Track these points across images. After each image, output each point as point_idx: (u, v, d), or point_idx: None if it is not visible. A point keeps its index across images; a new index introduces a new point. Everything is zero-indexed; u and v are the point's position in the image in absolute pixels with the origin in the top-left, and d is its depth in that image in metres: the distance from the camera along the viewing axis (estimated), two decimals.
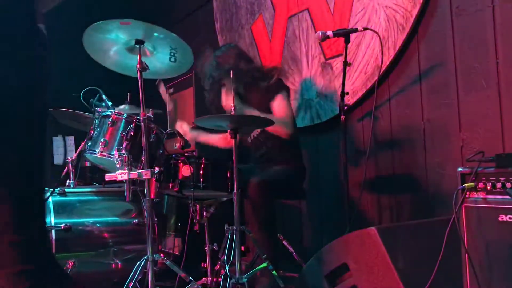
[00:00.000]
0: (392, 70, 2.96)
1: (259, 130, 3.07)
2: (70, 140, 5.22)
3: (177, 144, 2.69)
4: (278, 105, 2.95)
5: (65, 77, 4.87)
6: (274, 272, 2.52)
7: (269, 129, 2.87)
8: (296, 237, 3.66)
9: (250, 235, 2.56)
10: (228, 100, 2.94)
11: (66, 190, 2.73)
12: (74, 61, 2.99)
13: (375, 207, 3.09)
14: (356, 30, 2.69)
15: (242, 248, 3.16)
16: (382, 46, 2.77)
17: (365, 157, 2.80)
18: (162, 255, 3.13)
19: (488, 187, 1.86)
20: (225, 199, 2.77)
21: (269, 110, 2.94)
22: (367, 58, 3.06)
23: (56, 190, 2.66)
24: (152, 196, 2.81)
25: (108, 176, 2.34)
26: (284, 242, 3.06)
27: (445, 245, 1.91)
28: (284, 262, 3.05)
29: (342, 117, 2.76)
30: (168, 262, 2.33)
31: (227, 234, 2.54)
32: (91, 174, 3.94)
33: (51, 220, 2.51)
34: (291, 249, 3.04)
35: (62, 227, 2.51)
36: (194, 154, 2.86)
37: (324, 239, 3.38)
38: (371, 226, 2.14)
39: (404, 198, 2.93)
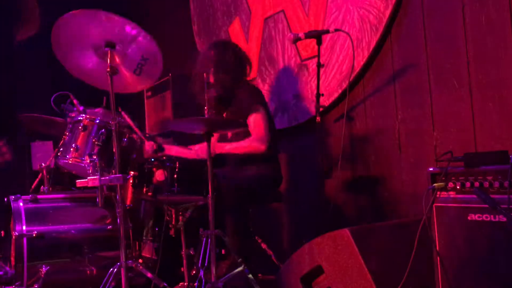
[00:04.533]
0: (367, 71, 2.96)
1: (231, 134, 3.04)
2: (49, 145, 5.15)
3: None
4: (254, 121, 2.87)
5: (37, 82, 4.82)
6: (250, 275, 2.51)
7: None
8: (275, 240, 3.65)
9: (225, 239, 2.54)
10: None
11: (39, 196, 2.68)
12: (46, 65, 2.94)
13: (353, 207, 3.09)
14: (327, 32, 2.69)
15: (223, 251, 3.14)
16: (353, 47, 2.77)
17: (340, 158, 2.80)
18: (141, 260, 3.11)
19: (458, 187, 1.86)
20: (201, 203, 2.74)
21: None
22: (342, 59, 3.06)
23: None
24: (128, 202, 2.79)
25: (80, 182, 2.31)
26: (263, 245, 3.04)
27: (416, 245, 1.91)
28: (263, 265, 3.03)
29: (317, 118, 2.76)
30: (140, 268, 2.30)
31: (202, 238, 2.51)
32: (70, 180, 3.88)
33: (22, 227, 2.47)
34: (270, 252, 3.03)
35: (34, 235, 2.47)
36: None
37: (303, 241, 3.37)
38: (349, 226, 2.14)
39: (381, 198, 2.94)
